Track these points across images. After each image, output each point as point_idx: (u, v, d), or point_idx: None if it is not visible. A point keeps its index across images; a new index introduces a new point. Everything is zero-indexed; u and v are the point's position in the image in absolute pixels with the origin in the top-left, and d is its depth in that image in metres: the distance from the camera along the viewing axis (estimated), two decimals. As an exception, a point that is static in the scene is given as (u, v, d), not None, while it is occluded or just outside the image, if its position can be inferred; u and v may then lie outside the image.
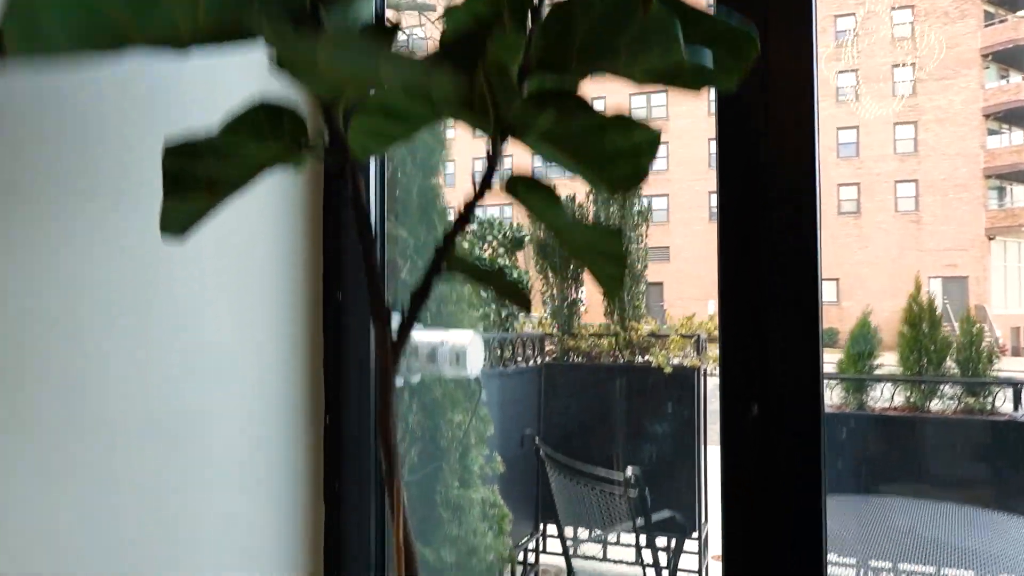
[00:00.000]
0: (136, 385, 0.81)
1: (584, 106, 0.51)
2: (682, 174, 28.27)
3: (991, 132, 28.33)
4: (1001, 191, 28.23)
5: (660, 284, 29.02)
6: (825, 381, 2.98)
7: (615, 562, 2.81)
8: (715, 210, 0.90)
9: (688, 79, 0.51)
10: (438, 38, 0.50)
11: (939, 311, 3.66)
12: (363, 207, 0.59)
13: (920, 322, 3.45)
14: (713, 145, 1.03)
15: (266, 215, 1.01)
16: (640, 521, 1.55)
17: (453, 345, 1.53)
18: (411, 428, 1.86)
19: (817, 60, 0.85)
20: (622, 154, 0.53)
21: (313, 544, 1.07)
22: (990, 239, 27.14)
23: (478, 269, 0.62)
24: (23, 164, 0.70)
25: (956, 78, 28.18)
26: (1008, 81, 28.24)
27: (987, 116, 27.94)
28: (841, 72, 28.50)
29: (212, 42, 0.45)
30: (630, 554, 2.74)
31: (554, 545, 3.43)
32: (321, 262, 1.10)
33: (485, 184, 0.56)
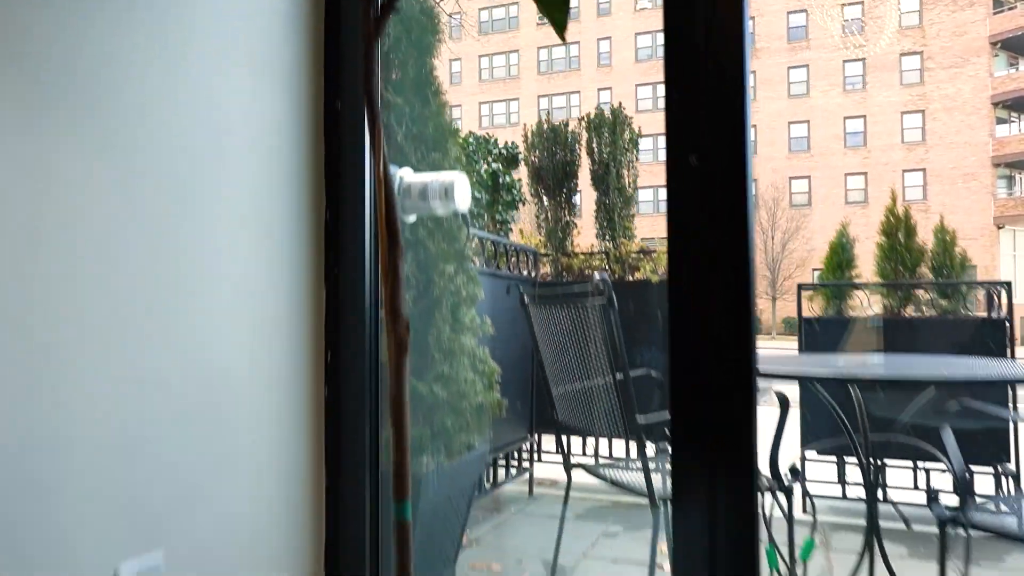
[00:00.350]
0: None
1: None
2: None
3: (1000, 120, 28.18)
4: (1010, 180, 28.10)
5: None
6: (805, 292, 3.17)
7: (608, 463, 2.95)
8: None
9: None
10: None
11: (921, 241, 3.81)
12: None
13: (896, 231, 3.59)
14: None
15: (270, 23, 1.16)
16: (618, 369, 1.67)
17: (442, 182, 1.68)
18: (408, 277, 2.03)
19: None
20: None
21: (315, 449, 1.21)
22: (999, 228, 27.03)
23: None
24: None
25: (964, 66, 28.05)
26: (1017, 69, 28.08)
27: (996, 104, 27.80)
28: (848, 61, 28.49)
29: None
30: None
31: (548, 460, 3.57)
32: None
33: None
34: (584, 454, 3.55)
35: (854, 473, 3.02)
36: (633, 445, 2.10)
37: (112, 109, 0.91)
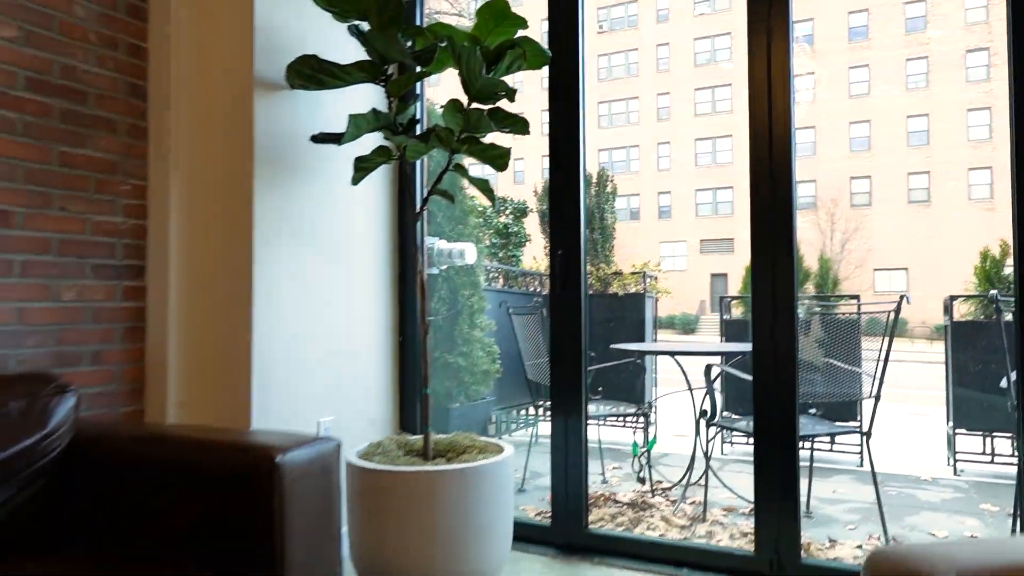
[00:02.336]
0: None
1: (478, 141, 2.12)
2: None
3: (1072, 116, 27.45)
4: (1083, 176, 27.37)
5: (724, 275, 29.97)
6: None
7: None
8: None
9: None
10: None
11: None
12: (412, 192, 2.23)
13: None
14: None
15: (376, 195, 2.67)
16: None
17: (459, 248, 3.18)
18: (442, 296, 3.53)
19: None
20: (499, 156, 2.15)
21: (395, 372, 2.71)
22: (1070, 225, 26.44)
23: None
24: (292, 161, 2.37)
25: (1033, 62, 27.49)
26: (1090, 63, 27.28)
27: (1067, 99, 27.14)
28: (911, 59, 28.43)
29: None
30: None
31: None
32: (397, 224, 2.76)
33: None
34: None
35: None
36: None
37: (319, 233, 2.41)
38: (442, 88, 3.30)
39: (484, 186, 2.31)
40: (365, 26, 2.15)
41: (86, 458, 1.50)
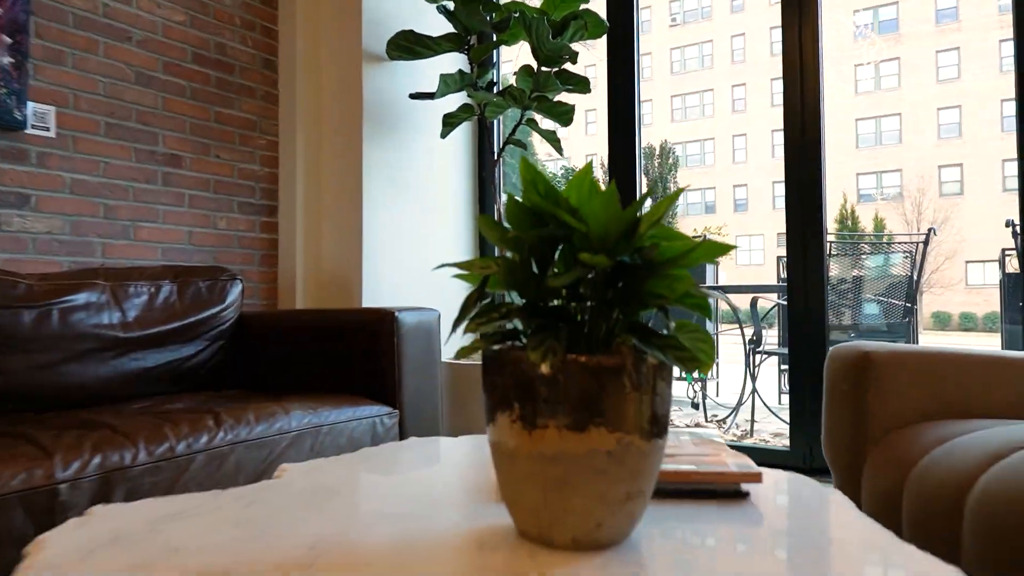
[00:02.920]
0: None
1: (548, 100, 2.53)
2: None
3: None
4: None
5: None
6: None
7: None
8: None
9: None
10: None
11: None
12: (490, 143, 2.65)
13: None
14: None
15: (460, 146, 3.11)
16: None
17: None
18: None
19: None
20: (564, 112, 2.55)
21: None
22: None
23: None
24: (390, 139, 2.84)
25: None
26: None
27: None
28: (940, 51, 27.07)
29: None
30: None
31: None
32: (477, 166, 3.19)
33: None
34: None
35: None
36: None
37: (415, 181, 2.86)
38: (515, 63, 3.73)
39: (552, 137, 2.72)
40: (450, 4, 2.59)
41: (249, 328, 2.00)
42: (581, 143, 32.16)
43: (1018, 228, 3.56)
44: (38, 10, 2.02)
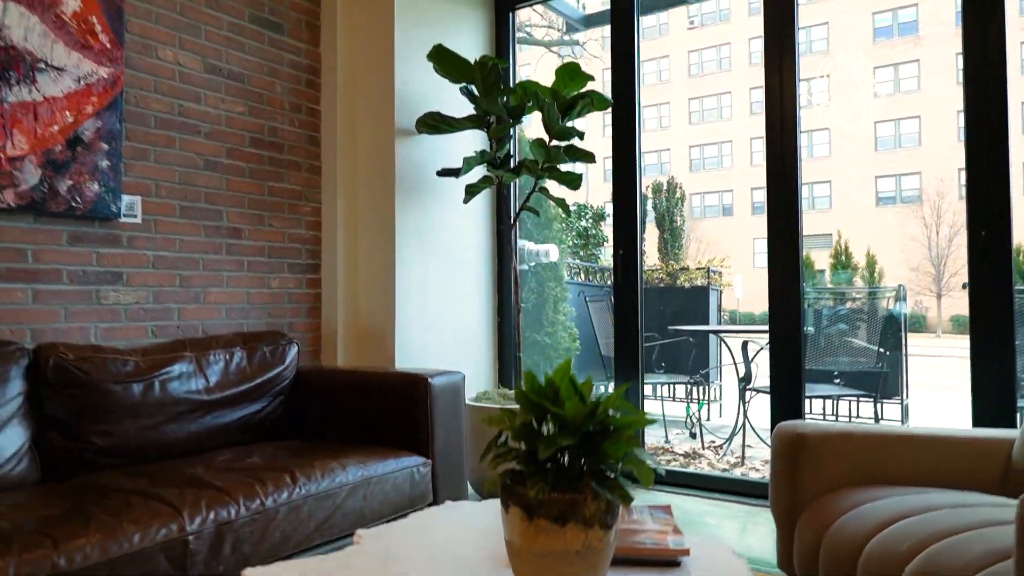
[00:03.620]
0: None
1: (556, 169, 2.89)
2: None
3: None
4: None
5: (822, 272, 29.27)
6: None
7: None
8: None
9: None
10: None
11: None
12: (507, 207, 3.02)
13: None
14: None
15: (480, 210, 3.47)
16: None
17: (544, 248, 3.95)
18: (532, 287, 4.33)
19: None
20: (573, 180, 2.91)
21: (495, 341, 3.53)
22: None
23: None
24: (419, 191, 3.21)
25: None
26: None
27: None
28: (960, 53, 26.85)
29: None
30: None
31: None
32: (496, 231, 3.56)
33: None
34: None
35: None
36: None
37: (441, 241, 3.23)
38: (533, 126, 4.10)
39: (561, 203, 3.08)
40: (473, 88, 2.96)
41: (303, 385, 2.38)
42: (599, 144, 32.45)
43: None
44: (128, 117, 2.41)
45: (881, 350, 3.31)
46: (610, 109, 3.19)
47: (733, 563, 1.17)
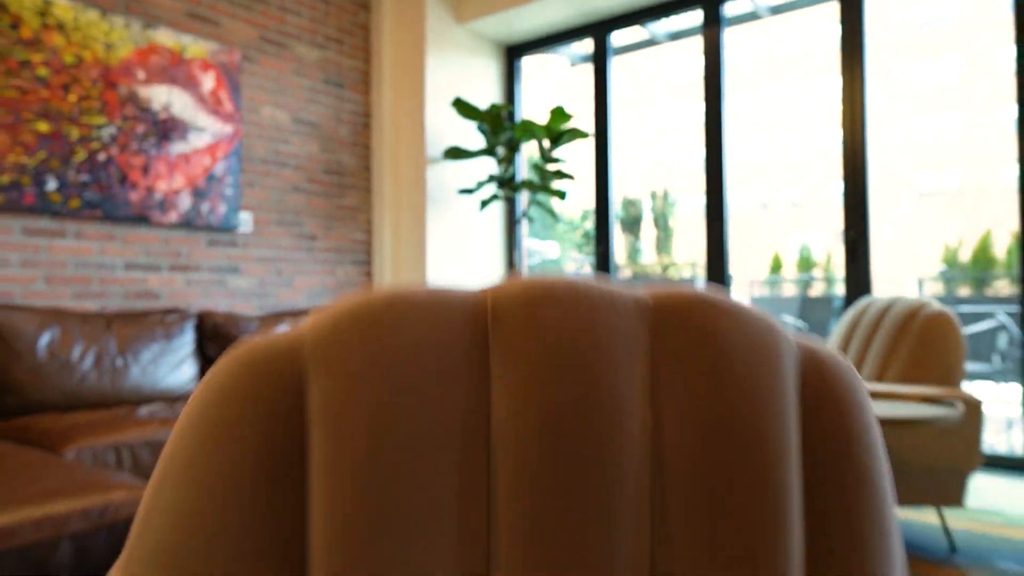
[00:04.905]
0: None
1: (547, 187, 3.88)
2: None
3: None
4: None
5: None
6: None
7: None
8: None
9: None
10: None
11: None
12: (514, 214, 4.01)
13: None
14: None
15: (494, 217, 4.48)
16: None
17: (549, 246, 4.93)
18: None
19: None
20: (561, 194, 3.90)
21: None
22: None
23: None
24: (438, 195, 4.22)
25: None
26: None
27: None
28: (1002, 48, 26.65)
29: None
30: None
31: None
32: (508, 232, 4.56)
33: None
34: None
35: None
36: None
37: (460, 241, 4.23)
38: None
39: (551, 212, 4.07)
40: (485, 126, 3.96)
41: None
42: (650, 144, 33.16)
43: None
44: (242, 158, 3.48)
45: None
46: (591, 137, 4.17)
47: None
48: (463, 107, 3.87)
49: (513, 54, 4.53)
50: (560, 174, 3.90)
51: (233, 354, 0.47)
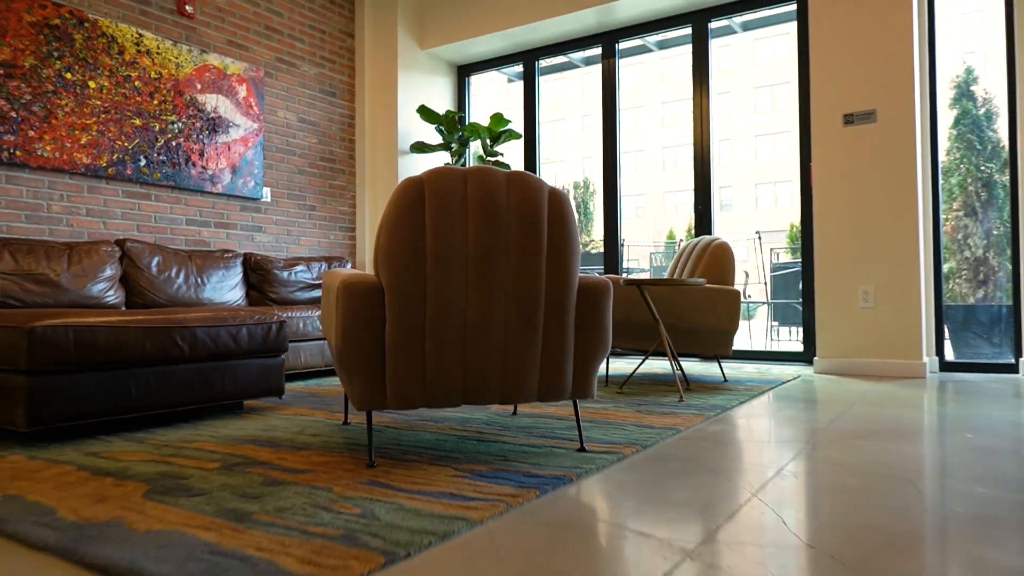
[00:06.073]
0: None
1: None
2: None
3: None
4: None
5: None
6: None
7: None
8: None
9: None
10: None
11: None
12: None
13: None
14: (524, 173, 5.77)
15: (447, 189, 5.82)
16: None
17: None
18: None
19: (527, 161, 5.54)
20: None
21: None
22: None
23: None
24: (418, 182, 5.55)
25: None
26: None
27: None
28: None
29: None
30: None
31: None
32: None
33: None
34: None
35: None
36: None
37: None
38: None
39: (492, 192, 5.46)
40: (442, 128, 5.30)
41: (355, 283, 4.74)
42: (578, 145, 34.92)
43: None
44: (266, 147, 4.73)
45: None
46: (522, 139, 5.55)
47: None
48: (426, 112, 5.20)
49: (463, 73, 5.88)
50: (500, 164, 5.27)
51: (402, 185, 1.82)
